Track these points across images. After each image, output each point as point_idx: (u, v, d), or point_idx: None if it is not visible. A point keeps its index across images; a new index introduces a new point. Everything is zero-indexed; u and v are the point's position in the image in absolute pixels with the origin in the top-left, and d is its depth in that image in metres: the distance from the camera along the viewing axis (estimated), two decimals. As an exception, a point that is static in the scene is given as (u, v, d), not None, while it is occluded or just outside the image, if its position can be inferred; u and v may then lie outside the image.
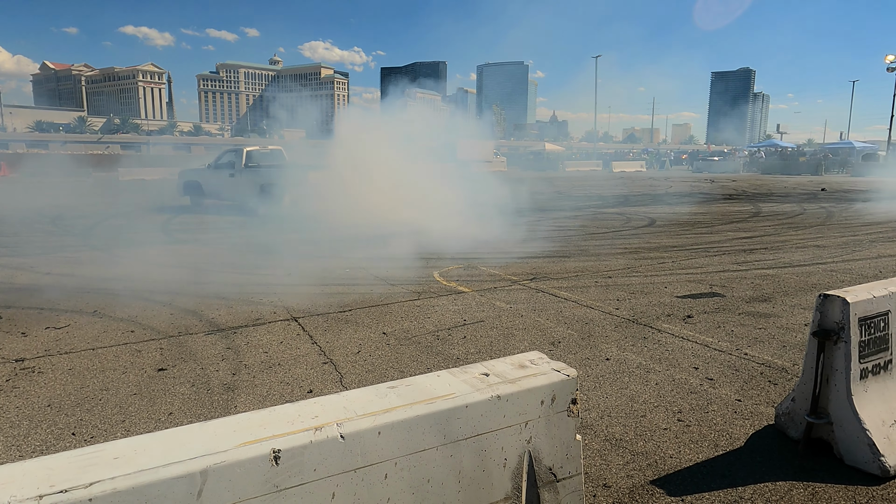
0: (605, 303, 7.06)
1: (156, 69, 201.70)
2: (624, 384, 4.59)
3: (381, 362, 5.09)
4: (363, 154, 16.51)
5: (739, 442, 3.68)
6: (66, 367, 4.95)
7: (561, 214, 18.02)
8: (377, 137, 17.35)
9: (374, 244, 11.09)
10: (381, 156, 16.20)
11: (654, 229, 14.20)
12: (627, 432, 3.80)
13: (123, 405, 4.22)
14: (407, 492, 1.94)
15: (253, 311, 6.67)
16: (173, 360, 5.10)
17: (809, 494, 3.11)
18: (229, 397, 4.35)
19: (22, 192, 25.53)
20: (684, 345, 5.51)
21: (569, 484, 2.28)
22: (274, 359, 5.15)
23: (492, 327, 6.08)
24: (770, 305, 6.92)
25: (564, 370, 2.28)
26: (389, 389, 2.07)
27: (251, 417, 1.85)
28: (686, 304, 7.01)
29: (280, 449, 1.71)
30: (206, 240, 12.92)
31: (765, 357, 5.18)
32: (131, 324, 6.19)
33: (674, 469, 3.37)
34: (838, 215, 17.25)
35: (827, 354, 3.40)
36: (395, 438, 1.90)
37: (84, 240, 12.83)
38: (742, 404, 4.21)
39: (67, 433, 3.81)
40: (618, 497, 3.11)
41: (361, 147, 16.89)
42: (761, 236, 12.88)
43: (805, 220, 15.89)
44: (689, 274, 8.74)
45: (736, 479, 3.27)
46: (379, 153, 16.33)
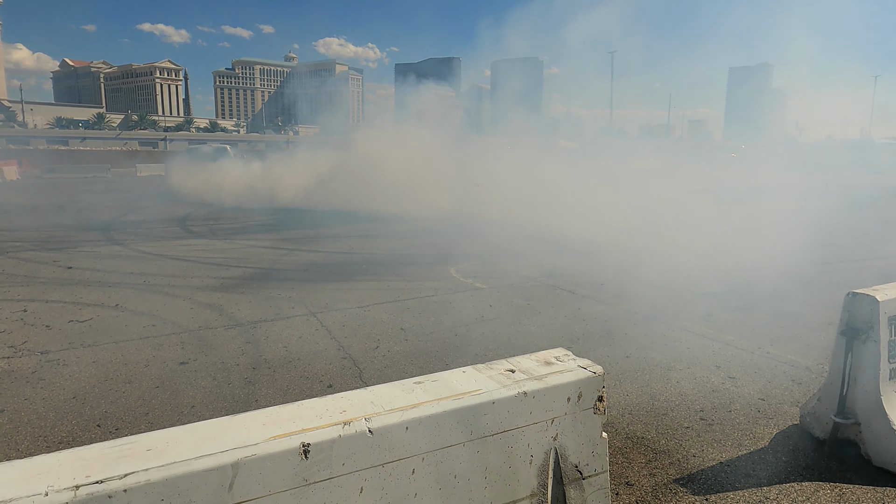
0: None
1: (173, 66, 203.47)
2: (645, 382, 4.55)
3: (400, 357, 5.10)
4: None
5: (763, 441, 3.63)
6: (89, 359, 5.02)
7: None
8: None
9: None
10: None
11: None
12: (649, 430, 3.77)
13: (146, 398, 4.27)
14: (434, 487, 1.93)
15: (271, 307, 6.71)
16: (194, 354, 5.15)
17: (837, 495, 3.06)
18: (250, 391, 4.39)
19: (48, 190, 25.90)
20: (705, 343, 5.45)
21: (595, 482, 2.26)
22: (293, 353, 5.18)
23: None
24: (792, 304, 6.82)
25: (591, 367, 2.26)
26: (416, 385, 2.06)
27: (280, 411, 1.86)
28: (705, 301, 6.93)
29: (309, 443, 1.71)
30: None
31: (788, 356, 5.11)
32: (152, 318, 6.26)
33: (697, 468, 3.33)
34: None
35: (855, 354, 3.34)
36: (422, 434, 1.90)
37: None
38: (765, 403, 4.16)
39: (93, 424, 3.87)
40: (640, 495, 3.08)
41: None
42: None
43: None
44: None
45: (760, 478, 3.22)
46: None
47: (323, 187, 18.76)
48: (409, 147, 19.65)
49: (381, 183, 17.46)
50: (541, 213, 13.79)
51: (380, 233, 13.00)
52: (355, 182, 18.18)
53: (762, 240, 10.10)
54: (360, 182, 18.08)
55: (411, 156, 18.91)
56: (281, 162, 22.36)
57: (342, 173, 19.31)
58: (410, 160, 18.61)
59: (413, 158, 18.77)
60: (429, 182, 17.55)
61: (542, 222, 12.84)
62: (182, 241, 11.90)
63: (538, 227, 12.53)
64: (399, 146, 19.62)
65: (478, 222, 13.61)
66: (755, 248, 9.56)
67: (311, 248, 11.01)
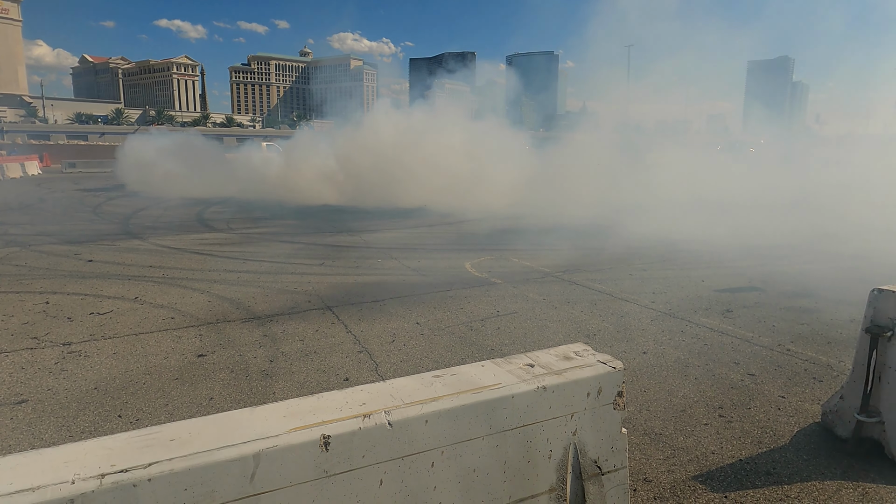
0: (640, 295, 6.95)
1: (189, 62, 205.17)
2: (662, 378, 4.51)
3: (416, 352, 5.11)
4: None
5: (784, 439, 3.58)
6: (110, 351, 5.09)
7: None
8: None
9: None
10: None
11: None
12: (667, 427, 3.74)
13: (166, 389, 4.33)
14: (453, 480, 1.93)
15: (288, 300, 6.75)
16: (212, 347, 5.20)
17: (860, 495, 3.02)
18: (267, 384, 4.42)
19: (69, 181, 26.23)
20: (724, 339, 5.39)
21: (614, 477, 2.25)
22: (310, 347, 5.21)
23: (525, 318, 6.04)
24: (813, 300, 6.71)
25: (611, 362, 2.24)
26: (435, 378, 2.06)
27: (300, 403, 1.87)
28: (725, 297, 6.86)
29: (330, 435, 1.72)
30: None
31: (809, 353, 5.04)
32: (171, 310, 6.33)
33: (716, 465, 3.30)
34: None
35: (880, 351, 3.27)
36: (441, 427, 1.90)
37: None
38: (786, 401, 4.10)
39: (114, 415, 3.92)
40: (659, 492, 3.06)
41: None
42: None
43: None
44: (726, 268, 8.55)
45: (781, 477, 3.18)
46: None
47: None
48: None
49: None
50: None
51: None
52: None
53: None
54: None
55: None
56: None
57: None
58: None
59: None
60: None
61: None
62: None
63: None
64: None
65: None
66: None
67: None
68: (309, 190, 18.75)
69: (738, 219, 12.83)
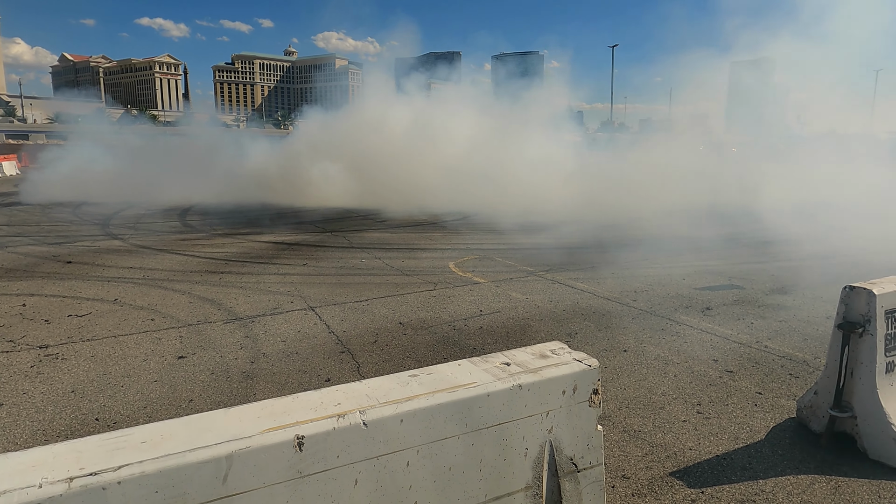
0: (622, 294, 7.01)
1: (172, 60, 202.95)
2: (642, 376, 4.55)
3: (398, 352, 5.11)
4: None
5: (760, 435, 3.64)
6: (88, 353, 5.03)
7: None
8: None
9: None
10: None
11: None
12: (646, 424, 3.78)
13: (145, 391, 4.28)
14: (429, 479, 1.94)
15: (270, 301, 6.71)
16: (193, 348, 5.15)
17: (832, 488, 3.07)
18: (248, 385, 4.40)
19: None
20: (703, 337, 5.45)
21: (590, 474, 2.27)
22: (292, 348, 5.19)
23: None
24: (790, 298, 6.82)
25: (586, 360, 2.26)
26: (411, 378, 2.07)
27: (275, 404, 1.86)
28: (705, 295, 6.94)
29: (304, 435, 1.71)
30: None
31: (785, 350, 5.12)
32: (151, 312, 6.27)
33: (693, 461, 3.34)
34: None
35: (852, 347, 3.34)
36: (417, 426, 1.90)
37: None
38: (762, 397, 4.17)
39: (91, 418, 3.88)
40: (637, 488, 3.09)
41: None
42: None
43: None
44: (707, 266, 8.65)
45: (757, 472, 3.23)
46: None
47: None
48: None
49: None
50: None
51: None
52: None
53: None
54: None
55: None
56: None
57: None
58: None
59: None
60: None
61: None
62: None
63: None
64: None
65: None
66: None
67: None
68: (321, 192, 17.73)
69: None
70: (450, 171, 17.01)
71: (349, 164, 18.08)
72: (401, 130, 19.00)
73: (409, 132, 18.91)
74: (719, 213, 13.76)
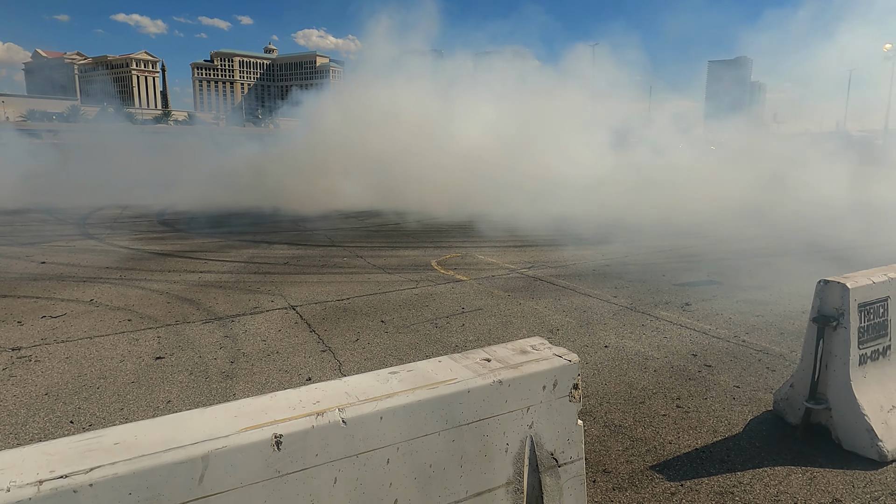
0: (603, 290, 7.06)
1: (149, 57, 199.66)
2: (623, 371, 4.59)
3: (380, 350, 5.08)
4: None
5: (738, 428, 3.69)
6: (63, 355, 4.92)
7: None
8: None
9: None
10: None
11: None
12: (626, 418, 3.81)
13: (121, 393, 4.21)
14: (409, 476, 1.93)
15: (251, 300, 6.64)
16: (171, 349, 5.08)
17: (808, 479, 3.13)
18: (228, 385, 4.34)
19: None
20: (682, 332, 5.51)
21: (570, 469, 2.28)
22: (272, 347, 5.14)
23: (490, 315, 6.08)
24: (768, 293, 6.92)
25: (566, 355, 2.26)
26: (391, 375, 2.05)
27: (252, 403, 1.83)
28: (684, 291, 7.02)
29: (282, 434, 1.69)
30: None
31: (763, 344, 5.19)
32: (128, 312, 6.16)
33: (673, 455, 3.38)
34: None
35: (826, 340, 3.40)
36: (397, 423, 1.89)
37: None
38: (740, 391, 4.22)
39: (66, 421, 3.80)
40: (617, 482, 3.12)
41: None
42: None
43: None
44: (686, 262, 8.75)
45: (735, 464, 3.28)
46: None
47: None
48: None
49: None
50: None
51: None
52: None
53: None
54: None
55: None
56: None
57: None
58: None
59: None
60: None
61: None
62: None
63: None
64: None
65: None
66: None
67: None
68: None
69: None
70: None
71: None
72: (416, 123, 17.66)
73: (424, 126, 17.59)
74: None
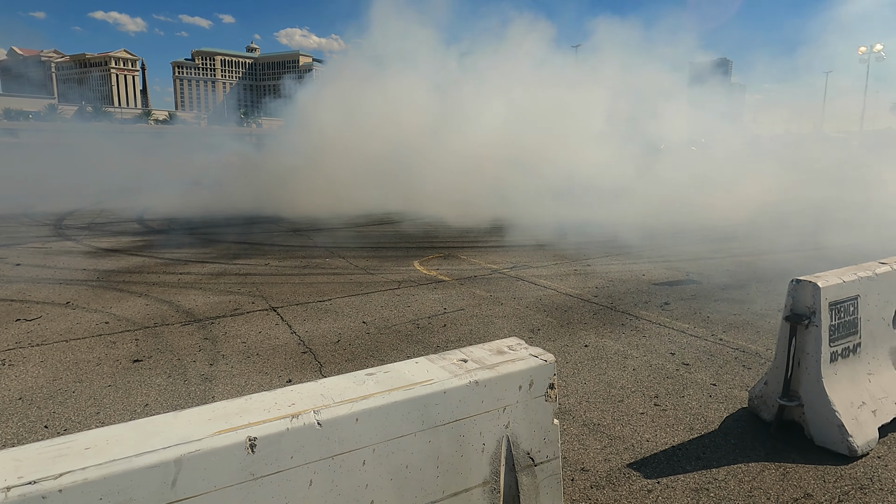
0: (583, 290, 7.12)
1: (129, 56, 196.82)
2: (602, 370, 4.64)
3: (361, 351, 5.08)
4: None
5: (714, 425, 3.75)
6: (37, 359, 4.85)
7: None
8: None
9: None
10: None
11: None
12: (605, 417, 3.85)
13: (98, 397, 4.15)
14: (385, 478, 1.93)
15: (231, 301, 6.59)
16: (149, 351, 5.02)
17: (781, 474, 3.19)
18: (207, 388, 4.31)
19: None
20: (661, 331, 5.58)
21: (546, 468, 2.30)
22: (252, 349, 5.10)
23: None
24: (744, 292, 7.04)
25: (542, 355, 2.29)
26: (367, 376, 2.06)
27: (227, 406, 1.83)
28: (663, 291, 7.10)
29: (256, 437, 1.69)
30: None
31: (739, 342, 5.28)
32: (105, 315, 6.08)
33: (650, 452, 3.42)
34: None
35: (799, 338, 3.47)
36: (373, 425, 1.89)
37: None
38: (717, 388, 4.29)
39: (40, 426, 3.74)
40: (595, 480, 3.15)
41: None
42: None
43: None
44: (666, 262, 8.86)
45: (710, 460, 3.33)
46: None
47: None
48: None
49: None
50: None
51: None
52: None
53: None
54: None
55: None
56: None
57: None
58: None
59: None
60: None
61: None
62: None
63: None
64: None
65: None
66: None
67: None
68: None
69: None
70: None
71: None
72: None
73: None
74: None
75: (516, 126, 16.20)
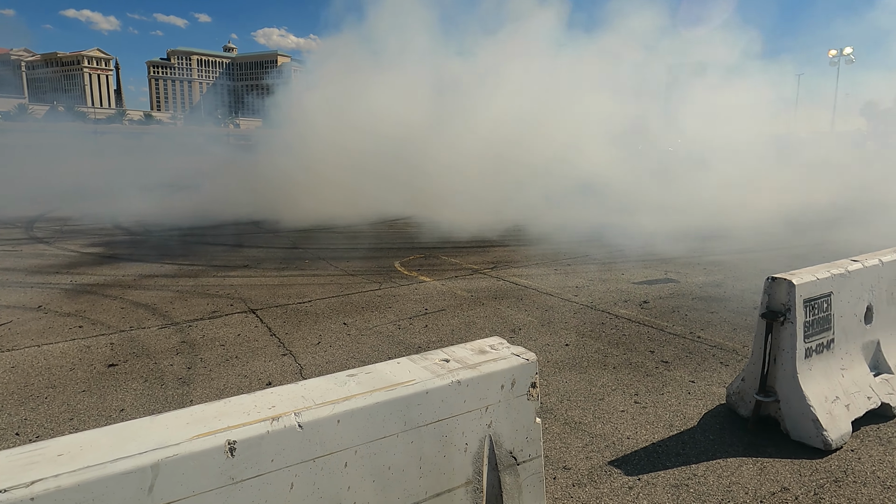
0: (564, 290, 7.17)
1: (102, 55, 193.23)
2: (583, 369, 4.67)
3: (342, 353, 5.04)
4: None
5: (693, 421, 3.80)
6: (8, 364, 4.72)
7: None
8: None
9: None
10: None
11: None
12: (586, 415, 3.88)
13: (71, 402, 4.06)
14: (367, 479, 1.92)
15: (209, 304, 6.49)
16: (125, 356, 4.92)
17: (758, 469, 3.24)
18: (184, 392, 4.24)
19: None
20: (640, 329, 5.64)
21: (529, 466, 2.30)
22: (231, 352, 5.04)
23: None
24: (721, 290, 7.15)
25: (524, 354, 2.29)
26: (349, 377, 2.04)
27: (205, 409, 1.80)
28: (642, 289, 7.18)
29: (235, 440, 1.66)
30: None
31: (717, 340, 5.36)
32: (79, 318, 5.95)
33: (631, 450, 3.45)
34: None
35: (774, 335, 3.53)
36: (354, 426, 1.88)
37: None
38: (695, 385, 4.35)
39: (10, 433, 3.64)
40: (577, 478, 3.17)
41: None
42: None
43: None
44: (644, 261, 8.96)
45: (689, 457, 3.37)
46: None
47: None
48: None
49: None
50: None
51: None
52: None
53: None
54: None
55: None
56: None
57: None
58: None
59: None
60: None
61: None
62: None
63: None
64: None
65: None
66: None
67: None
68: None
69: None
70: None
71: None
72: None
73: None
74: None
75: (516, 126, 16.02)
